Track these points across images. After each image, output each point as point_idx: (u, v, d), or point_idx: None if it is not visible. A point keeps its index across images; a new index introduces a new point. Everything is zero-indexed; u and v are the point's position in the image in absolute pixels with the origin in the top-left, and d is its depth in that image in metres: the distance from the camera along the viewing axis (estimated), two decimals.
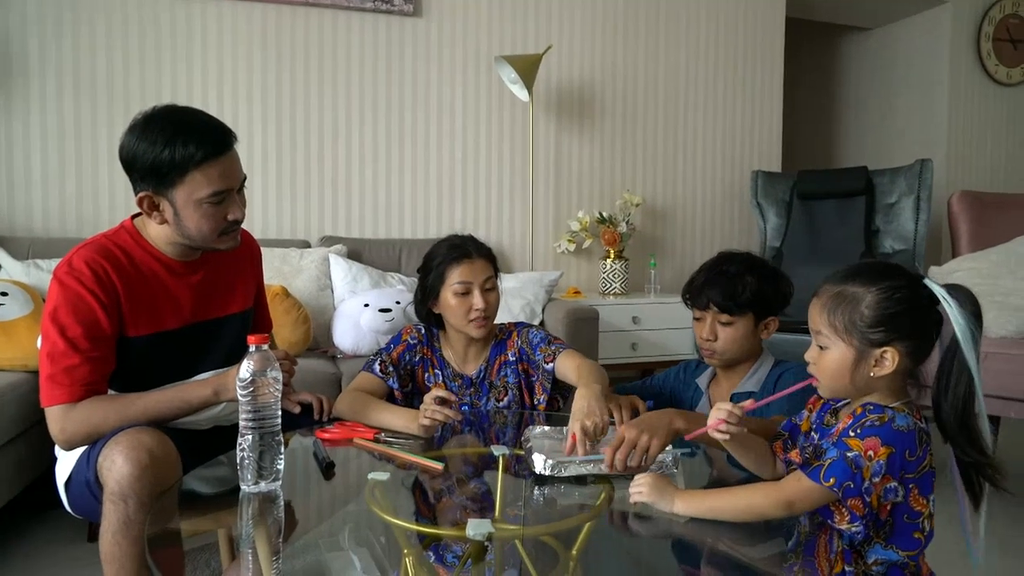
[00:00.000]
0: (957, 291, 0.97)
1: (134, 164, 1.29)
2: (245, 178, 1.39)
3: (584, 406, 1.31)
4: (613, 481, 1.18)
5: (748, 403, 1.09)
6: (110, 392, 1.34)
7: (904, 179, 3.49)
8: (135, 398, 1.32)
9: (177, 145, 1.26)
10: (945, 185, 4.38)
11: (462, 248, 1.63)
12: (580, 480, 1.19)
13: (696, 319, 1.57)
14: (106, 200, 2.99)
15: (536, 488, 1.19)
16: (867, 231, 3.51)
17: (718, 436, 1.07)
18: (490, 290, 1.63)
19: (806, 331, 1.08)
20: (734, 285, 1.49)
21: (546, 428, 1.38)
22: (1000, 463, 0.98)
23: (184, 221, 1.33)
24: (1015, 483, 1.06)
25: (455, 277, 1.60)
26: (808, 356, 1.07)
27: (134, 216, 1.43)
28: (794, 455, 0.99)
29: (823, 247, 3.54)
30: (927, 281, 0.99)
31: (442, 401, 1.38)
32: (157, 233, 1.38)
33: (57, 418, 1.26)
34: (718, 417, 1.07)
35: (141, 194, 1.31)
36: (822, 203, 3.66)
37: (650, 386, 1.74)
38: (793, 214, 3.72)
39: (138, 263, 1.37)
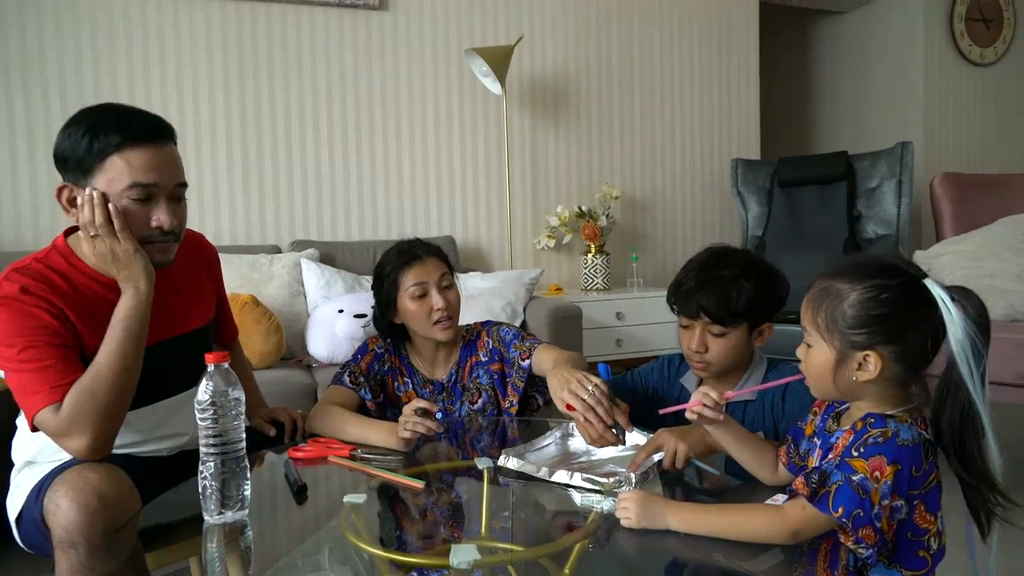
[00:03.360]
0: (962, 296, 0.87)
1: (57, 157, 1.19)
2: (185, 186, 1.26)
3: (560, 381, 1.28)
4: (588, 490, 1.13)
5: (730, 392, 1.09)
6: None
7: (885, 162, 3.46)
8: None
9: (99, 131, 1.16)
10: (923, 167, 4.37)
11: (410, 252, 1.60)
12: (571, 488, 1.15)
13: (683, 327, 1.42)
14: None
15: (523, 496, 1.14)
16: (849, 216, 3.48)
17: (691, 416, 1.08)
18: (448, 287, 1.59)
19: (790, 322, 1.01)
20: (727, 292, 1.32)
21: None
22: (1007, 491, 0.89)
23: None
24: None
25: (409, 280, 1.56)
26: (798, 353, 1.02)
27: (67, 232, 1.29)
28: (799, 485, 0.91)
29: (806, 235, 3.52)
30: (927, 282, 0.89)
31: (424, 413, 1.31)
32: (91, 250, 1.23)
33: (47, 421, 1.12)
34: (696, 399, 1.07)
35: (60, 185, 1.20)
36: (803, 190, 3.63)
37: (629, 382, 1.64)
38: (774, 202, 3.69)
39: (78, 286, 1.22)
